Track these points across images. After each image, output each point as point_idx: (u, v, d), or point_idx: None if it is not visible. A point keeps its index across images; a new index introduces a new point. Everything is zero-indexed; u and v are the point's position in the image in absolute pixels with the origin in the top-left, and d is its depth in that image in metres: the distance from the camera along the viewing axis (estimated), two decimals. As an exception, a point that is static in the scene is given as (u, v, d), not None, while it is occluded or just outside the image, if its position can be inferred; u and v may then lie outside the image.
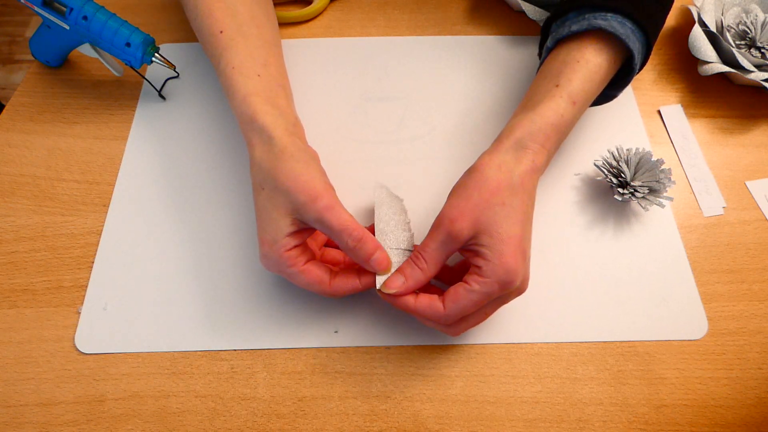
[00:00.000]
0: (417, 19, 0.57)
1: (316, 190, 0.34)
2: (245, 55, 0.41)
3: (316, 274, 0.35)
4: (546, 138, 0.37)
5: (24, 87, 0.52)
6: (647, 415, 0.37)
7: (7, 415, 0.36)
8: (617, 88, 0.43)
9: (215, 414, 0.36)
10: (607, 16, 0.39)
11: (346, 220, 0.34)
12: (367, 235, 0.34)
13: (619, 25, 0.38)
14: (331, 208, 0.34)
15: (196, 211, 0.44)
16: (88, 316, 0.40)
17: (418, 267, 0.34)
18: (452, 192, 0.36)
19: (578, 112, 0.39)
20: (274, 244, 0.35)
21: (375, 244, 0.35)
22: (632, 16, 0.39)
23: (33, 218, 0.44)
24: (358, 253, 0.34)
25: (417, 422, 0.36)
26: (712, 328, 0.40)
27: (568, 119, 0.38)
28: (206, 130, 0.49)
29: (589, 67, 0.38)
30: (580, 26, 0.39)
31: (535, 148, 0.36)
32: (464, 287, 0.33)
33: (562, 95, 0.38)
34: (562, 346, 0.39)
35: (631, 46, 0.38)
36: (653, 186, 0.42)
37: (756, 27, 0.50)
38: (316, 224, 0.34)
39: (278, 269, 0.36)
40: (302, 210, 0.34)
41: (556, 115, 0.37)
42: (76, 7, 0.44)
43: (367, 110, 0.51)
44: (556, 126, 0.37)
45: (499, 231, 0.33)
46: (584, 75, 0.38)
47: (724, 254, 0.43)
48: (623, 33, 0.38)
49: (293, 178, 0.35)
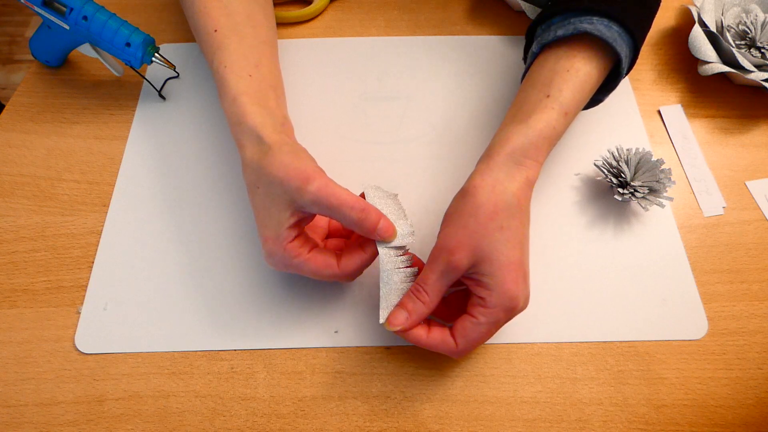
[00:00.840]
0: (417, 19, 0.57)
1: (307, 172, 0.34)
2: (238, 54, 0.41)
3: (322, 260, 0.35)
4: (538, 152, 0.36)
5: (24, 87, 0.52)
6: (647, 415, 0.37)
7: (7, 415, 0.36)
8: (604, 93, 0.42)
9: (215, 414, 0.36)
10: (593, 19, 0.38)
11: (343, 195, 0.33)
12: (369, 206, 0.34)
13: (606, 28, 0.38)
14: (326, 186, 0.33)
15: (196, 211, 0.44)
16: (88, 316, 0.40)
17: (420, 300, 0.34)
18: (446, 219, 0.36)
19: (569, 122, 0.38)
20: (277, 239, 0.35)
21: (378, 213, 0.34)
22: (618, 20, 0.38)
23: (33, 218, 0.44)
24: (363, 224, 0.34)
25: (417, 422, 0.36)
26: (712, 328, 0.40)
27: (560, 131, 0.38)
28: (206, 130, 0.49)
29: (579, 77, 0.38)
30: (566, 30, 0.38)
31: (528, 163, 0.36)
32: (471, 321, 0.33)
33: (554, 107, 0.37)
34: (562, 346, 0.39)
35: (618, 49, 0.38)
36: (653, 186, 0.42)
37: (756, 27, 0.50)
38: (314, 207, 0.34)
39: (284, 264, 0.35)
40: (297, 196, 0.33)
41: (548, 127, 0.37)
42: (76, 7, 0.44)
43: (366, 110, 0.51)
44: (549, 138, 0.37)
45: (499, 258, 0.33)
46: (575, 85, 0.38)
47: (724, 254, 0.43)
48: (610, 36, 0.38)
49: (283, 168, 0.34)
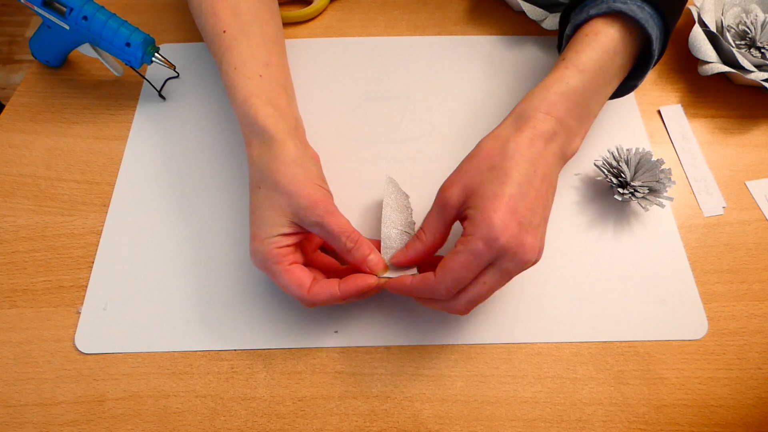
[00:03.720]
0: (417, 19, 0.57)
1: (317, 195, 0.35)
2: (247, 55, 0.41)
3: (297, 276, 0.35)
4: (551, 105, 0.35)
5: (24, 87, 0.52)
6: (647, 415, 0.37)
7: (7, 415, 0.36)
8: (637, 78, 0.41)
9: (215, 414, 0.36)
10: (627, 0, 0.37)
11: (344, 225, 0.35)
12: (363, 239, 0.36)
13: (639, 9, 0.37)
14: (331, 213, 0.35)
15: (196, 211, 0.44)
16: (88, 316, 0.40)
17: (418, 239, 0.35)
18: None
19: (591, 80, 0.36)
20: (265, 240, 0.35)
21: (371, 246, 0.36)
22: (651, 1, 0.37)
23: (33, 218, 0.44)
24: (355, 254, 0.35)
25: (417, 422, 0.36)
26: (712, 328, 0.40)
27: (578, 87, 0.36)
28: (206, 130, 0.49)
29: (599, 39, 0.37)
30: (599, 9, 0.38)
31: (537, 116, 0.35)
32: (451, 251, 0.33)
33: (567, 66, 0.36)
34: (562, 346, 0.39)
35: (650, 30, 0.37)
36: (653, 186, 0.42)
37: (756, 27, 0.50)
38: (315, 227, 0.35)
39: (264, 265, 0.36)
40: (302, 214, 0.35)
41: (560, 83, 0.36)
42: (76, 7, 0.44)
43: (367, 110, 0.51)
44: (563, 93, 0.35)
45: (485, 192, 0.32)
46: (594, 46, 0.37)
47: (724, 254, 0.43)
48: (642, 17, 0.37)
49: (294, 182, 0.35)
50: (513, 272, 0.33)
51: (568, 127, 0.36)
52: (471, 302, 0.34)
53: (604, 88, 0.38)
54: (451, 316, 0.40)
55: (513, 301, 0.40)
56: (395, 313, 0.40)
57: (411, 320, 0.40)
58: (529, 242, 0.32)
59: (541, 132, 0.34)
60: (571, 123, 0.36)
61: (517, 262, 0.32)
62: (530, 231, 0.32)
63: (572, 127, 0.36)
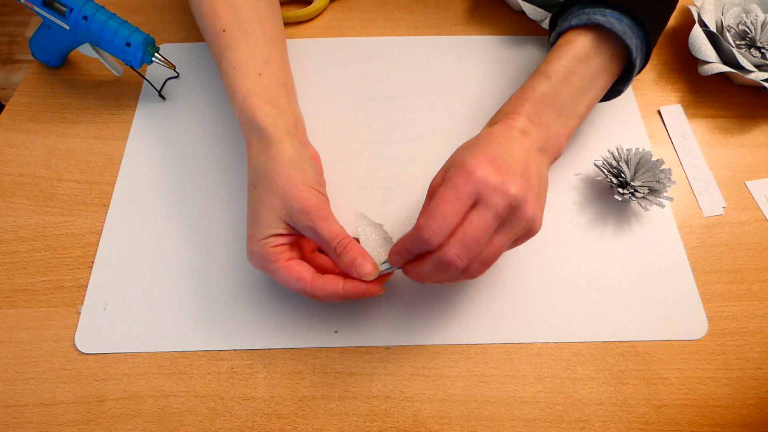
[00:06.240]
0: (417, 19, 0.57)
1: (311, 200, 0.35)
2: (246, 53, 0.41)
3: (296, 271, 0.35)
4: (519, 106, 0.37)
5: (24, 87, 0.52)
6: (647, 415, 0.37)
7: (7, 415, 0.36)
8: (623, 83, 0.43)
9: (215, 414, 0.36)
10: (606, 12, 0.39)
11: (336, 230, 0.35)
12: (353, 243, 0.35)
13: (617, 21, 0.39)
14: (324, 218, 0.35)
15: (196, 211, 0.44)
16: (88, 316, 0.40)
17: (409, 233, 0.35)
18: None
19: (561, 84, 0.38)
20: (261, 241, 0.35)
21: (360, 250, 0.35)
22: (631, 13, 0.39)
23: (33, 218, 0.44)
24: (343, 258, 0.34)
25: (417, 422, 0.36)
26: (712, 328, 0.40)
27: (546, 91, 0.38)
28: (206, 130, 0.49)
29: (570, 47, 0.39)
30: (579, 20, 0.40)
31: (508, 116, 0.37)
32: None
33: (536, 74, 0.39)
34: (562, 346, 0.39)
35: (628, 42, 0.39)
36: (653, 186, 0.42)
37: (756, 27, 0.50)
38: (307, 231, 0.35)
39: (262, 265, 0.36)
40: (295, 217, 0.35)
41: (528, 89, 0.38)
42: (76, 7, 0.44)
43: (367, 110, 0.51)
44: (531, 98, 0.38)
45: (460, 156, 0.35)
46: (564, 53, 0.39)
47: (724, 254, 0.43)
48: (620, 29, 0.39)
49: (289, 185, 0.35)
50: (500, 210, 0.31)
51: (542, 125, 0.37)
52: (465, 249, 0.31)
53: (584, 90, 0.39)
54: (451, 315, 0.40)
55: (513, 301, 0.41)
56: (395, 313, 0.40)
57: (411, 320, 0.40)
58: (511, 180, 0.32)
59: (514, 126, 0.37)
60: (545, 122, 0.38)
61: (501, 195, 0.31)
62: (511, 175, 0.32)
63: (549, 126, 0.38)
